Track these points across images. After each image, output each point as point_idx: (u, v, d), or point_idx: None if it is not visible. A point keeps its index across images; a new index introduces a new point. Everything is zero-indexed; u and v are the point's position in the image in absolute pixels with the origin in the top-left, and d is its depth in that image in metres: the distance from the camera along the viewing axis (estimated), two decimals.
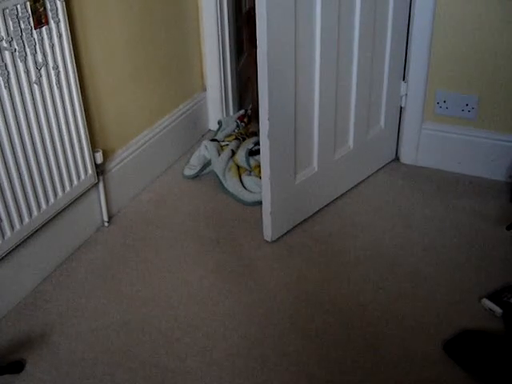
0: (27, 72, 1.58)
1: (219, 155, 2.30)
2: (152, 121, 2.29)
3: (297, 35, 1.71)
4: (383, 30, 2.04)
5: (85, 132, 1.83)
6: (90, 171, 1.89)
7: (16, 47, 1.52)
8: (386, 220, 2.04)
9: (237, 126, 2.53)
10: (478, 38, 2.06)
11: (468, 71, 2.13)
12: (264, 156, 1.80)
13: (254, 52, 1.70)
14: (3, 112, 1.53)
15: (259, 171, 2.08)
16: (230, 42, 2.56)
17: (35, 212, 1.69)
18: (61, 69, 1.69)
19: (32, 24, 1.56)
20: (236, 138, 2.40)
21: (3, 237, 1.60)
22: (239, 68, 2.76)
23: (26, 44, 1.55)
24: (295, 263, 1.86)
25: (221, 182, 2.23)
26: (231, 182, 2.20)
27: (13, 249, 1.65)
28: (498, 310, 1.62)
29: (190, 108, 2.51)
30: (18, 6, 1.50)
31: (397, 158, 2.38)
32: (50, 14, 1.61)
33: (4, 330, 1.64)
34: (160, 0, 2.19)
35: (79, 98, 1.78)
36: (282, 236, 1.97)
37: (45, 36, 1.61)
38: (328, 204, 2.11)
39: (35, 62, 1.60)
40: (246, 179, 2.21)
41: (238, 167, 2.26)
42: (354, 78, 1.99)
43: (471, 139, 2.21)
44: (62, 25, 1.66)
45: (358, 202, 2.13)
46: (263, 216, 1.91)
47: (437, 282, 1.76)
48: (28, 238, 1.71)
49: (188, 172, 2.34)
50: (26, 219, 1.67)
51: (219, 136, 2.47)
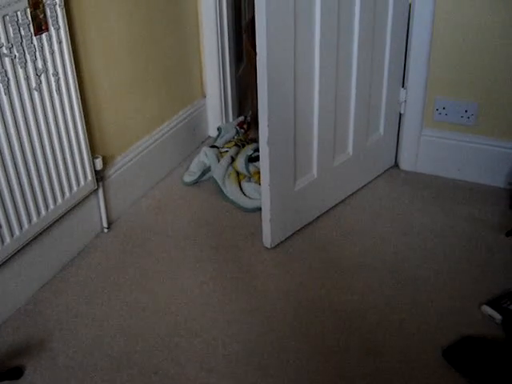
0: (27, 78, 1.58)
1: (219, 162, 2.30)
2: (152, 127, 2.30)
3: (296, 42, 1.71)
4: (382, 37, 2.05)
5: (84, 138, 1.83)
6: (90, 177, 1.90)
7: (16, 54, 1.53)
8: (386, 226, 2.04)
9: (236, 133, 2.53)
10: (477, 45, 2.07)
11: (467, 78, 2.14)
12: (263, 162, 1.80)
13: (254, 59, 1.70)
14: (3, 118, 1.53)
15: (259, 178, 2.08)
16: (230, 49, 2.56)
17: (35, 218, 1.69)
18: (61, 75, 1.69)
19: (32, 30, 1.56)
20: (235, 145, 2.40)
21: (3, 243, 1.60)
22: (239, 75, 2.76)
23: (26, 50, 1.56)
24: (295, 270, 1.86)
25: (220, 189, 2.23)
26: (231, 189, 2.20)
27: (12, 255, 1.65)
28: (498, 317, 1.61)
29: (190, 114, 2.52)
30: (19, 13, 1.50)
31: (396, 165, 2.38)
32: (50, 21, 1.61)
33: (3, 336, 1.64)
34: (160, 7, 2.20)
35: (79, 105, 1.78)
36: (282, 242, 1.97)
37: (45, 42, 1.61)
38: (327, 211, 2.11)
39: (35, 69, 1.60)
40: (246, 186, 2.21)
41: (238, 174, 2.26)
42: (354, 85, 1.99)
43: (470, 146, 2.22)
44: (62, 31, 1.66)
45: (358, 209, 2.13)
46: (263, 222, 1.91)
47: (436, 289, 1.75)
48: (27, 244, 1.71)
49: (187, 178, 2.34)
50: (26, 225, 1.67)
51: (219, 142, 2.47)
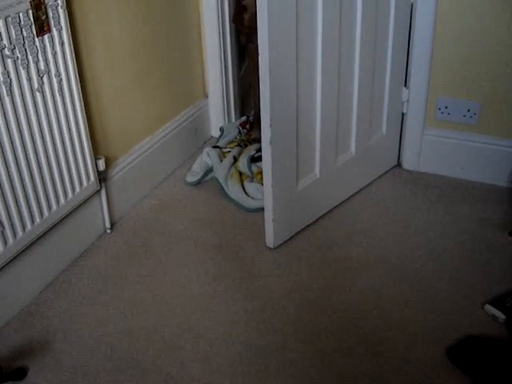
0: (29, 79, 1.58)
1: (221, 162, 2.30)
2: (154, 128, 2.30)
3: (298, 42, 1.71)
4: (385, 37, 2.04)
5: (87, 139, 1.83)
6: (93, 178, 1.90)
7: (18, 55, 1.53)
8: (389, 226, 2.03)
9: (239, 133, 2.53)
10: (480, 44, 2.06)
11: (469, 77, 2.13)
12: (266, 162, 1.80)
13: (256, 58, 1.70)
14: (6, 119, 1.53)
15: (261, 178, 2.08)
16: (232, 49, 2.56)
17: (38, 219, 1.70)
18: (63, 76, 1.69)
19: (34, 32, 1.56)
20: (238, 145, 2.40)
21: (5, 244, 1.60)
22: (241, 74, 2.76)
23: (29, 52, 1.56)
24: (297, 269, 1.85)
25: (223, 189, 2.23)
26: (233, 189, 2.20)
27: (15, 256, 1.65)
28: (501, 316, 1.61)
29: (192, 115, 2.52)
30: (21, 14, 1.51)
31: (399, 164, 2.38)
32: (53, 22, 1.62)
33: (7, 337, 1.64)
34: (162, 7, 2.20)
35: (81, 105, 1.78)
36: (284, 242, 1.97)
37: (47, 44, 1.62)
38: (330, 210, 2.11)
39: (37, 70, 1.60)
40: (248, 186, 2.21)
41: (240, 174, 2.26)
42: (356, 84, 1.99)
43: (473, 145, 2.21)
44: (64, 32, 1.66)
45: (360, 208, 2.13)
46: (265, 222, 1.91)
47: (439, 288, 1.75)
48: (30, 245, 1.71)
49: (190, 179, 2.34)
50: (29, 226, 1.67)
51: (221, 143, 2.47)
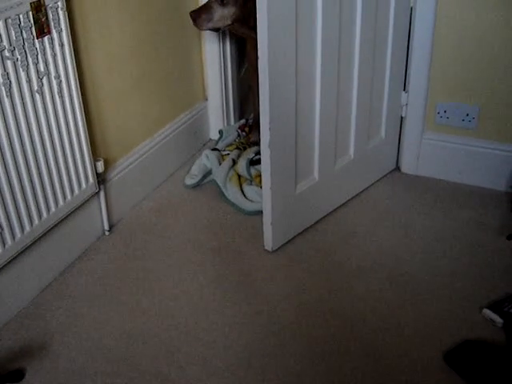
0: (29, 81, 1.58)
1: (220, 164, 2.30)
2: (153, 130, 2.30)
3: (298, 45, 1.72)
4: (384, 41, 2.05)
5: (86, 141, 1.83)
6: (91, 180, 1.90)
7: (18, 56, 1.53)
8: (387, 230, 2.04)
9: (238, 136, 2.53)
10: (479, 49, 2.07)
11: (468, 81, 2.14)
12: (265, 165, 1.80)
13: (255, 61, 1.70)
14: (5, 121, 1.53)
15: (260, 181, 2.08)
16: (231, 52, 2.57)
17: (36, 221, 1.69)
18: (62, 78, 1.70)
19: (34, 33, 1.56)
20: (237, 148, 2.40)
21: (4, 245, 1.60)
22: (240, 77, 2.76)
23: (28, 53, 1.56)
24: (296, 273, 1.85)
25: (221, 192, 2.23)
26: (232, 192, 2.20)
27: (13, 258, 1.65)
28: (499, 320, 1.61)
29: (191, 117, 2.52)
30: (21, 16, 1.51)
31: (397, 168, 2.38)
32: (52, 24, 1.62)
33: (4, 339, 1.64)
34: (161, 10, 2.21)
35: (81, 107, 1.78)
36: (283, 246, 1.97)
37: (47, 45, 1.62)
38: (329, 214, 2.11)
39: (37, 72, 1.60)
40: (247, 189, 2.21)
41: (239, 176, 2.26)
42: (355, 88, 1.99)
43: (472, 149, 2.22)
44: (64, 34, 1.67)
45: (359, 212, 2.13)
46: (264, 225, 1.91)
47: (437, 292, 1.75)
48: (29, 247, 1.71)
49: (189, 181, 2.34)
50: (27, 228, 1.67)
51: (220, 145, 2.47)
